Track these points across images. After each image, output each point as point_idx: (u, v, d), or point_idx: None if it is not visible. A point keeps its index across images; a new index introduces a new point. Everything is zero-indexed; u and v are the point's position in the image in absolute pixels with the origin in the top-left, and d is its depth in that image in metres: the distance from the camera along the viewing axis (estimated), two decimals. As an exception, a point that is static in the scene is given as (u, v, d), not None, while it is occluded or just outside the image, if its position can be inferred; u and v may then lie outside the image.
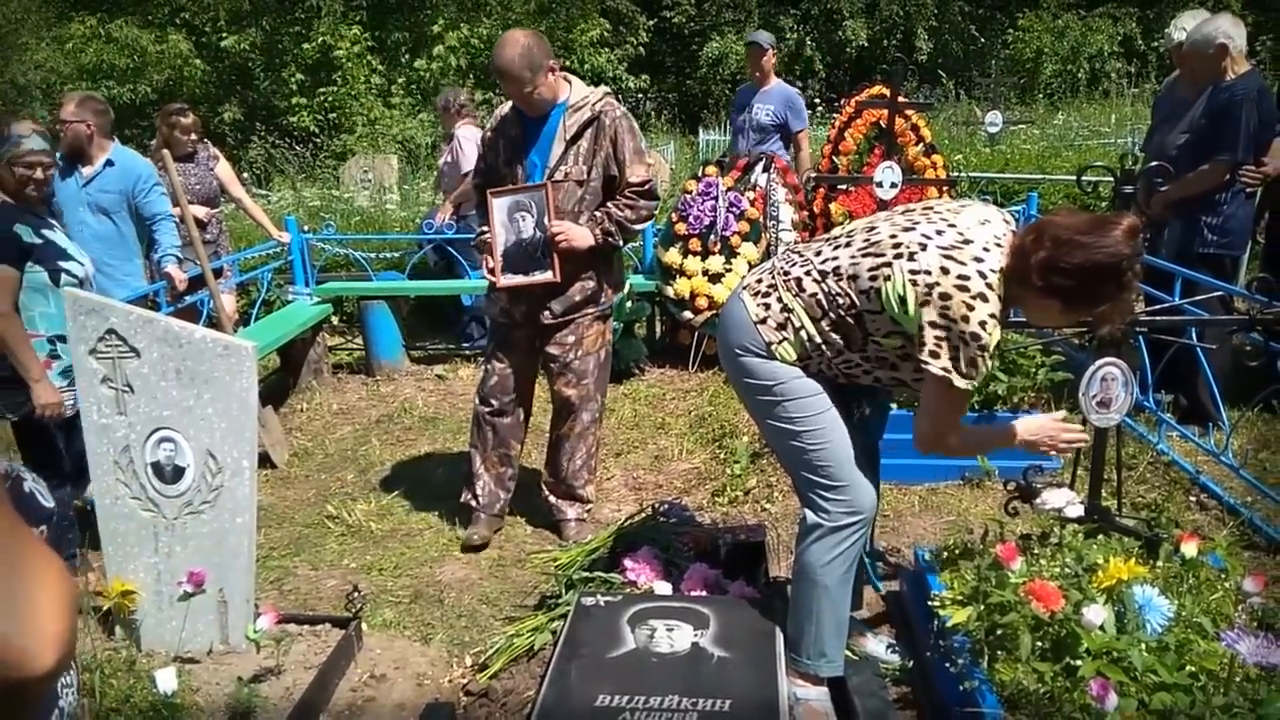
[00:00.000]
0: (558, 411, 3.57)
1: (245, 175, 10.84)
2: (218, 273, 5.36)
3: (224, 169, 5.59)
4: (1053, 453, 2.40)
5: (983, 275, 2.03)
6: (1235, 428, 3.67)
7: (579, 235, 3.25)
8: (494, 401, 3.53)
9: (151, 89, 16.50)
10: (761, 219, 5.67)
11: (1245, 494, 3.60)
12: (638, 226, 3.37)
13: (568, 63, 17.89)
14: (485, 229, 3.37)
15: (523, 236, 3.30)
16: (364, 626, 2.90)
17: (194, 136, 5.28)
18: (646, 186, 3.31)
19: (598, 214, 3.29)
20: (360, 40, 14.38)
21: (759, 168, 5.90)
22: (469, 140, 6.01)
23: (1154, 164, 3.59)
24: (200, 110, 16.98)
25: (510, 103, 3.36)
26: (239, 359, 2.65)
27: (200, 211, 5.11)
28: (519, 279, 3.32)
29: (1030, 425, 2.36)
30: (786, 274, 2.29)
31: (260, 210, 5.94)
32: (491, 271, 3.36)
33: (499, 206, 3.29)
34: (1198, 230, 4.19)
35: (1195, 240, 4.20)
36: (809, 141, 6.38)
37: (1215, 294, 3.78)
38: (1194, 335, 3.74)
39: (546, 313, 3.38)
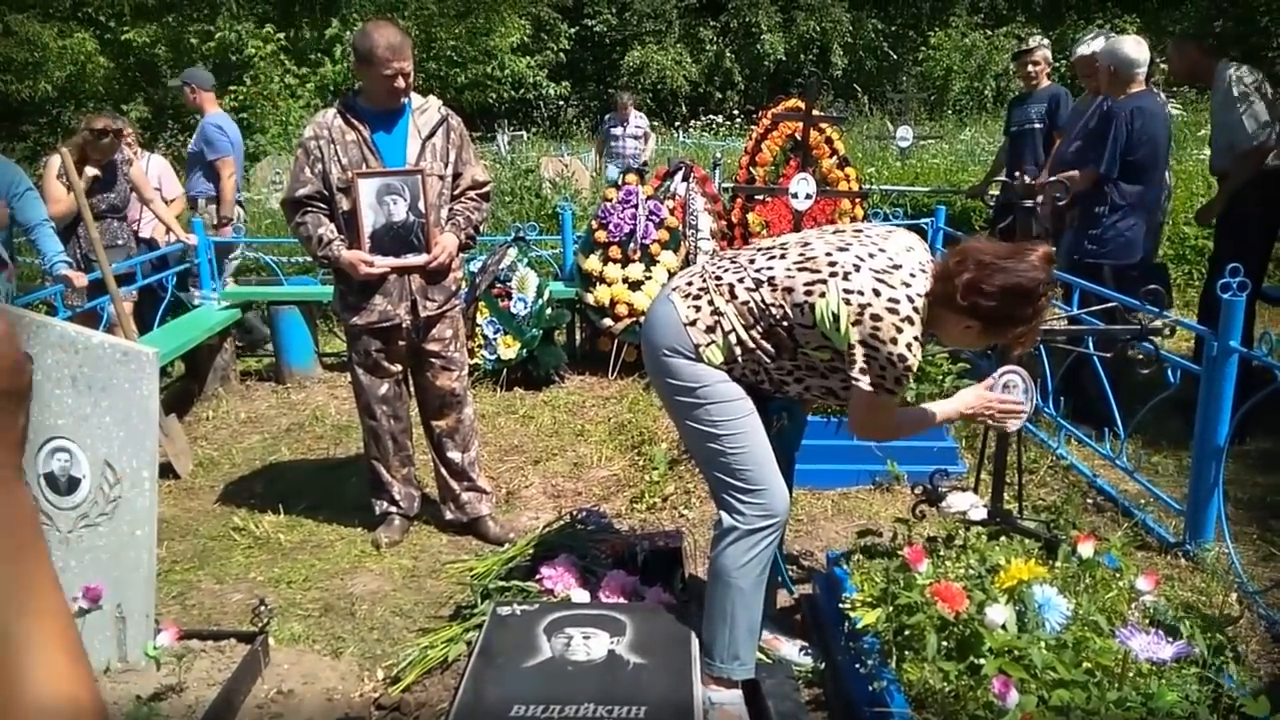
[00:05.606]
0: (440, 406, 3.56)
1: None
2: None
3: (137, 171, 5.44)
4: (990, 423, 2.50)
5: (910, 300, 2.12)
6: (1130, 433, 3.83)
7: (451, 244, 3.36)
8: (387, 408, 3.52)
9: (52, 86, 15.86)
10: (681, 227, 5.73)
11: (1139, 496, 3.76)
12: (481, 227, 3.57)
13: (488, 69, 17.74)
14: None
15: (394, 219, 3.28)
16: (271, 641, 2.81)
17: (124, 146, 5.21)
18: (487, 188, 3.51)
19: (458, 219, 3.39)
20: (272, 39, 14.03)
21: (678, 176, 5.96)
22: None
23: (1051, 179, 3.74)
24: (104, 108, 16.37)
25: (333, 111, 3.31)
26: (139, 365, 2.56)
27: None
28: (391, 260, 3.29)
29: (968, 399, 2.47)
30: (719, 279, 2.31)
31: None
32: (362, 263, 3.22)
33: (366, 188, 3.23)
34: (1081, 241, 4.40)
35: (1080, 250, 4.40)
36: (230, 168, 5.96)
37: (1110, 304, 3.94)
38: (1090, 344, 3.90)
39: (430, 304, 3.39)
